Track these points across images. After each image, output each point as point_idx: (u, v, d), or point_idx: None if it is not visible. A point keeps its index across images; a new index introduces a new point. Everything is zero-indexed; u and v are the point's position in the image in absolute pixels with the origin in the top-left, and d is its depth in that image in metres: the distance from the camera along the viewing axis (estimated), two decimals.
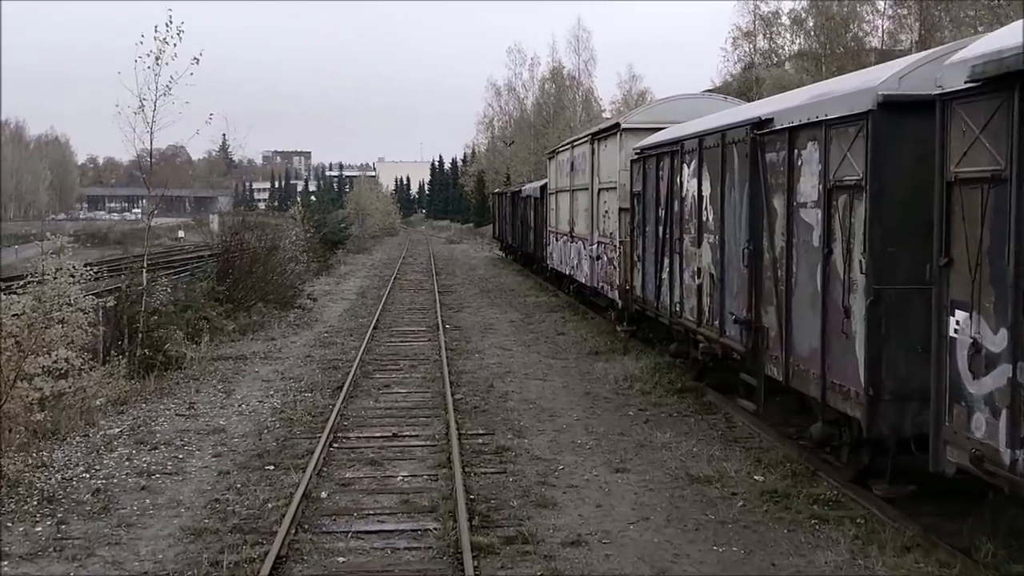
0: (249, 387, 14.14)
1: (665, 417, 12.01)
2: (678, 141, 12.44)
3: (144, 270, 14.72)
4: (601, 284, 18.40)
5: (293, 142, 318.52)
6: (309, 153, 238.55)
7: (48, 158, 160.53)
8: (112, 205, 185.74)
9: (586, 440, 10.95)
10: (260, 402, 13.10)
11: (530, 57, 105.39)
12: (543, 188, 28.08)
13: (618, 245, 16.60)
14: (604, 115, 67.80)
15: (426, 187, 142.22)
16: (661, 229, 13.52)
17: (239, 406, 12.82)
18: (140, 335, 14.18)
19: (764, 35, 50.84)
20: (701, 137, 11.47)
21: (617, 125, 16.56)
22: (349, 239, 45.60)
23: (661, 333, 15.24)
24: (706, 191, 11.32)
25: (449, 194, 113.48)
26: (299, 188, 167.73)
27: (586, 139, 19.51)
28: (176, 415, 12.24)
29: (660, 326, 14.64)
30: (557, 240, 24.15)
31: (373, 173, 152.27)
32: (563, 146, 22.92)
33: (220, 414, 12.33)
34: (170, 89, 14.29)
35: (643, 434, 11.10)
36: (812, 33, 45.76)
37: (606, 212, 17.75)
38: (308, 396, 13.41)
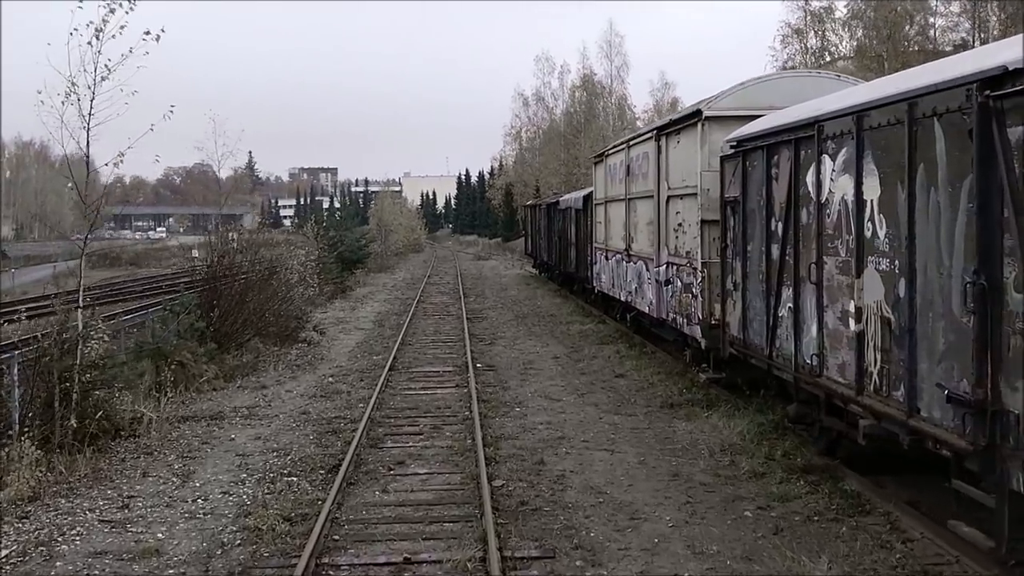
0: (215, 466, 10.51)
1: (801, 523, 8.23)
2: (812, 123, 8.68)
3: (79, 309, 11.14)
4: (671, 316, 14.64)
5: (320, 159, 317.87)
6: (335, 169, 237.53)
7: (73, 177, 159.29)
8: (140, 224, 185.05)
9: (697, 571, 7.20)
10: (224, 493, 9.46)
11: (559, 65, 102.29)
12: (587, 198, 24.35)
13: (700, 268, 12.84)
14: (638, 123, 64.19)
15: (452, 201, 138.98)
16: (777, 248, 9.77)
17: (192, 502, 9.18)
18: (74, 397, 10.63)
19: (815, 32, 46.98)
20: (859, 113, 7.70)
21: (697, 113, 12.82)
22: (369, 258, 42.06)
23: (767, 382, 11.47)
24: (870, 193, 7.55)
25: (476, 208, 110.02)
26: (324, 204, 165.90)
27: (649, 136, 15.80)
28: (99, 521, 8.62)
29: (769, 377, 10.86)
30: (608, 259, 20.40)
31: (397, 188, 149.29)
32: (615, 147, 19.23)
33: (162, 518, 8.68)
34: (111, 71, 10.78)
35: (781, 560, 7.32)
36: (872, 28, 41.71)
37: (679, 225, 14.01)
38: (291, 483, 9.75)
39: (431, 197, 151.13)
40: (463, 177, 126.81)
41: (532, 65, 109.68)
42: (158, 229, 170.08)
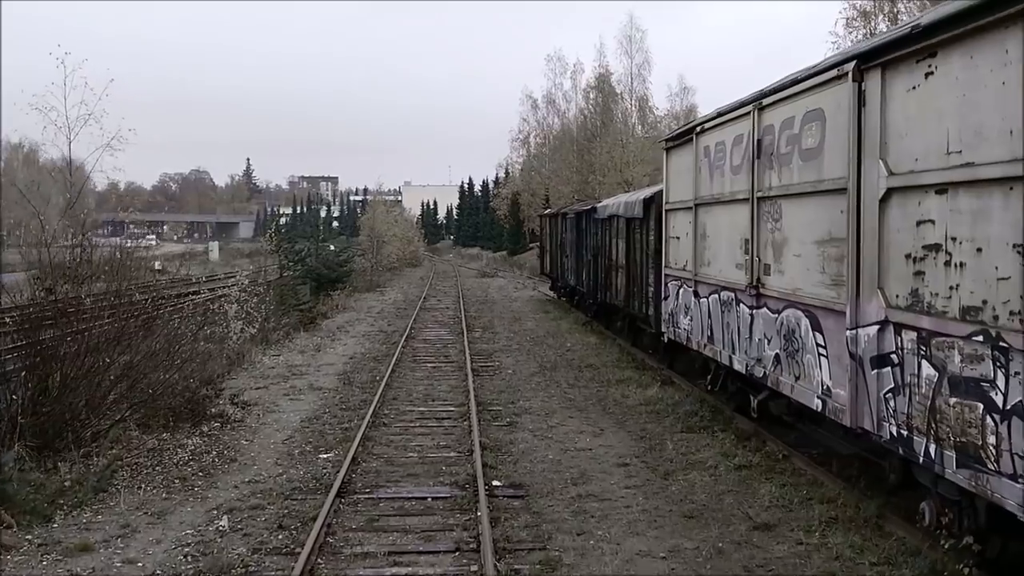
0: None
1: None
2: None
3: None
4: (896, 430, 7.27)
5: (321, 168, 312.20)
6: (336, 179, 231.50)
7: (61, 182, 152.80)
8: (134, 231, 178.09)
9: None
10: None
11: (572, 63, 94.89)
12: (648, 203, 16.94)
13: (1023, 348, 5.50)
14: (660, 127, 57.11)
15: (454, 212, 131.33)
16: None
17: None
18: None
19: (885, 14, 39.88)
20: None
21: None
22: (351, 275, 34.59)
23: None
24: None
25: (480, 219, 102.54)
26: (322, 213, 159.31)
27: (825, 78, 8.45)
28: None
29: None
30: (698, 295, 13.00)
31: (392, 197, 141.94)
32: (722, 116, 11.81)
33: None
34: None
35: None
36: None
37: (929, 250, 6.68)
38: None
39: (432, 207, 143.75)
40: (466, 186, 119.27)
41: (543, 65, 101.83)
42: (147, 237, 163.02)
